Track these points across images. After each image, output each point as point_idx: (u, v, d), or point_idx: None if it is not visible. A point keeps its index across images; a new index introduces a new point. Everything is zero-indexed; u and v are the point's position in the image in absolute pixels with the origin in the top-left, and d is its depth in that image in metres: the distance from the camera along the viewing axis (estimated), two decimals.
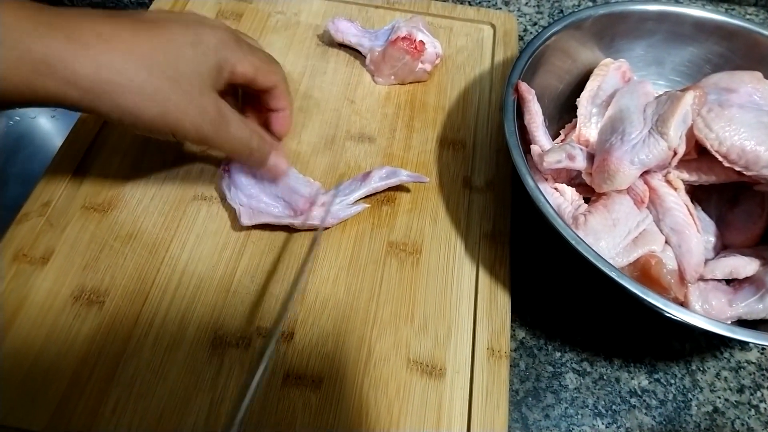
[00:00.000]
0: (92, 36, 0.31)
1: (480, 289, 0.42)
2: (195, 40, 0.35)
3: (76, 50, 0.30)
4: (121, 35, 0.32)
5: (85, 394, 0.36)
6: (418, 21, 0.52)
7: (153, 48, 0.33)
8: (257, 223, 0.42)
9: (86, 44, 0.31)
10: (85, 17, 0.32)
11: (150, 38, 0.33)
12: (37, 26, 0.30)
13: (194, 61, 0.34)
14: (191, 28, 0.35)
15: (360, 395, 0.37)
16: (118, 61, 0.31)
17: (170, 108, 0.33)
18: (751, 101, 0.43)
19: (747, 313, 0.38)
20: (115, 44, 0.32)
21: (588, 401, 0.41)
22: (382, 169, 0.45)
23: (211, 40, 0.36)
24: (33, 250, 0.42)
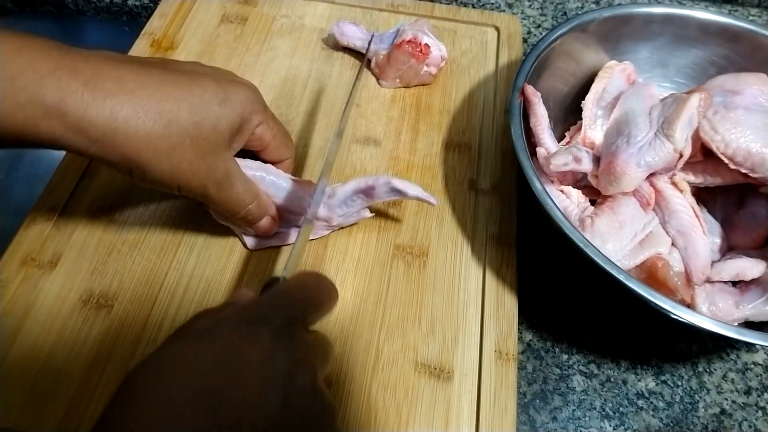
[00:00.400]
0: (114, 83, 0.30)
1: (487, 291, 0.42)
2: (224, 98, 0.34)
3: (93, 97, 0.29)
4: (147, 85, 0.31)
5: (94, 398, 0.36)
6: (422, 24, 0.52)
7: (178, 102, 0.32)
8: (264, 247, 0.42)
9: (106, 92, 0.29)
10: (111, 63, 0.31)
11: (177, 91, 0.32)
12: (57, 69, 0.28)
13: (218, 120, 0.33)
14: (222, 86, 0.34)
15: (368, 398, 0.37)
16: (137, 113, 0.30)
17: (183, 167, 0.32)
18: (756, 103, 0.43)
19: (754, 314, 0.38)
20: (138, 94, 0.30)
21: (595, 403, 0.41)
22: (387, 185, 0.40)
23: (240, 98, 0.35)
24: (41, 254, 0.42)
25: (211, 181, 0.34)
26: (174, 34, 0.55)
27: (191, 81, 0.33)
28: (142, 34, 0.55)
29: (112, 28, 0.68)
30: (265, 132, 0.38)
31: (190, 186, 0.34)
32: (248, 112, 0.36)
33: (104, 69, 0.30)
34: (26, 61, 0.28)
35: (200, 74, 0.35)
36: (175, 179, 0.33)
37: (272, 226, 0.41)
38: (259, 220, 0.39)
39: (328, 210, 0.41)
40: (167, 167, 0.32)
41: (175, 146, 0.32)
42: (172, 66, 0.34)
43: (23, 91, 0.27)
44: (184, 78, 0.33)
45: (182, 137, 0.32)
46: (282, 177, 0.41)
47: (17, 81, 0.27)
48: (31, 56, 0.28)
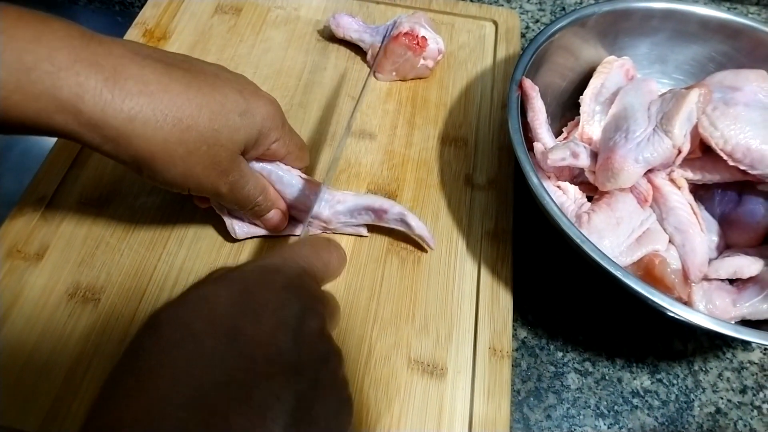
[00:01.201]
0: (135, 83, 0.29)
1: (482, 288, 0.42)
2: (245, 109, 0.33)
3: (112, 96, 0.28)
4: (169, 88, 0.30)
5: (79, 394, 0.36)
6: (420, 17, 0.51)
7: (200, 108, 0.31)
8: (253, 236, 0.42)
9: (126, 92, 0.28)
10: (134, 58, 0.30)
11: (200, 97, 0.31)
12: (77, 61, 0.27)
13: (237, 130, 0.33)
14: (245, 97, 0.34)
15: (360, 395, 0.37)
16: (156, 116, 0.29)
17: (196, 171, 0.32)
18: (756, 100, 0.43)
19: (751, 313, 0.38)
20: (159, 97, 0.29)
21: (590, 402, 0.40)
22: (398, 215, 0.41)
23: (261, 112, 0.34)
24: (27, 246, 0.41)
25: (223, 183, 0.34)
26: (167, 24, 0.55)
27: (215, 88, 0.32)
28: (134, 24, 0.54)
29: (105, 17, 0.67)
30: (280, 148, 0.37)
31: (201, 188, 0.34)
32: (267, 127, 0.35)
33: (126, 66, 0.29)
34: (45, 51, 0.26)
35: (224, 81, 0.34)
36: (186, 182, 0.33)
37: (282, 220, 0.40)
38: (267, 212, 0.39)
39: (331, 214, 0.41)
40: (180, 170, 0.32)
41: (191, 152, 0.31)
42: (196, 68, 0.33)
43: (38, 83, 0.26)
44: (208, 84, 0.32)
45: (198, 143, 0.31)
46: (290, 173, 0.40)
47: (33, 72, 0.26)
48: (50, 46, 0.27)
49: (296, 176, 0.40)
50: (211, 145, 0.32)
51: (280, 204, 0.40)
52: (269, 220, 0.40)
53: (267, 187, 0.38)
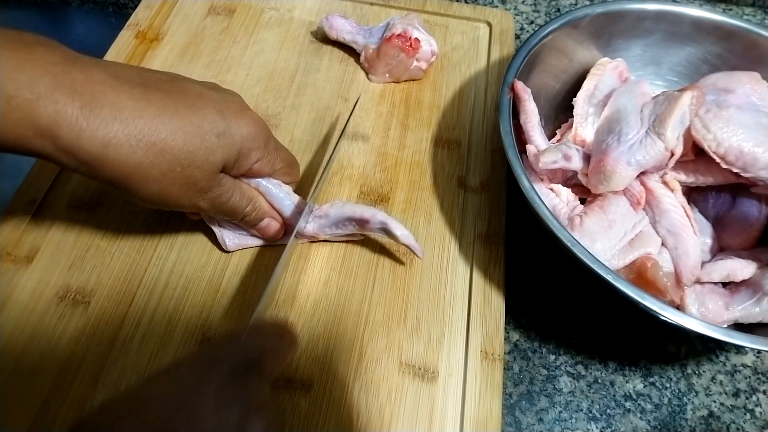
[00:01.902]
0: (110, 109, 0.29)
1: (474, 290, 0.41)
2: (224, 129, 0.33)
3: (87, 123, 0.29)
4: (144, 113, 0.30)
5: (69, 397, 0.35)
6: (413, 18, 0.51)
7: (174, 131, 0.31)
8: (243, 247, 0.41)
9: (101, 119, 0.29)
10: (113, 84, 0.30)
11: (175, 120, 0.31)
12: (56, 89, 0.28)
13: (213, 150, 0.33)
14: (225, 117, 0.34)
15: (351, 399, 0.36)
16: (129, 141, 0.30)
17: (172, 191, 0.32)
18: (749, 102, 0.43)
19: (743, 316, 0.38)
20: (133, 123, 0.30)
21: (582, 405, 0.40)
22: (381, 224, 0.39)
23: (241, 132, 0.34)
24: (17, 248, 0.41)
25: (202, 200, 0.34)
26: (159, 25, 0.54)
27: (193, 110, 0.32)
28: (126, 26, 0.54)
29: (98, 18, 0.67)
30: (264, 167, 0.37)
31: (179, 206, 0.34)
32: (247, 147, 0.35)
33: (104, 92, 0.30)
34: (26, 80, 0.27)
35: (206, 101, 0.34)
36: (163, 201, 0.33)
37: (279, 228, 0.40)
38: (260, 221, 0.39)
39: (316, 228, 0.41)
40: (155, 190, 0.32)
41: (164, 174, 0.31)
42: (178, 88, 0.33)
43: (18, 111, 0.27)
44: (186, 105, 0.32)
45: (173, 165, 0.31)
46: (278, 187, 0.39)
47: (13, 101, 0.27)
48: (32, 73, 0.27)
49: (284, 191, 0.39)
50: (185, 166, 0.32)
51: (273, 213, 0.40)
52: (264, 229, 0.39)
53: (256, 197, 0.38)
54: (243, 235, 0.41)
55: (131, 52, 0.52)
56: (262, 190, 0.39)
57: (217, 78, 0.51)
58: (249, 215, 0.38)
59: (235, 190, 0.36)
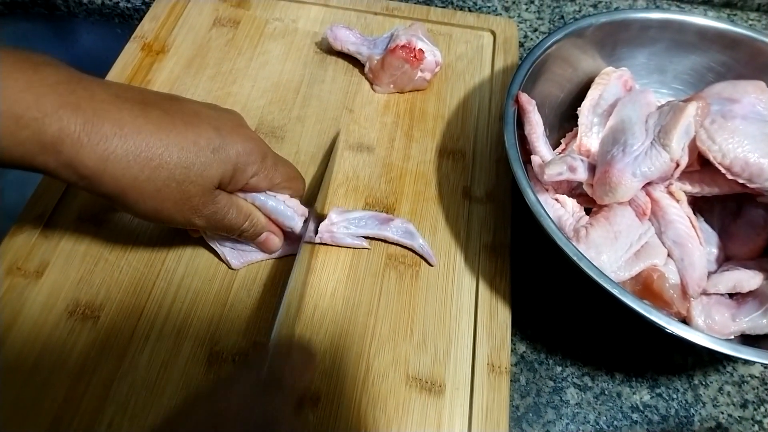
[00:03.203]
0: (111, 125, 0.31)
1: (480, 302, 0.42)
2: (219, 145, 0.34)
3: (88, 140, 0.30)
4: (143, 129, 0.32)
5: (79, 411, 0.36)
6: (417, 29, 0.51)
7: (169, 147, 0.32)
8: (249, 263, 0.42)
9: (101, 135, 0.30)
10: (116, 101, 0.31)
11: (172, 137, 0.32)
12: (60, 107, 0.29)
13: (208, 166, 0.34)
14: (221, 134, 0.34)
15: (358, 413, 0.37)
16: (127, 157, 0.31)
17: (167, 206, 0.33)
18: (754, 112, 0.42)
19: (750, 327, 0.38)
20: (132, 138, 0.31)
21: (589, 417, 0.40)
22: (404, 224, 0.43)
23: (237, 148, 0.35)
24: (27, 263, 0.41)
25: (197, 217, 0.35)
26: (165, 37, 0.55)
27: (188, 126, 0.33)
28: (132, 38, 0.54)
29: (104, 29, 0.67)
30: (261, 182, 0.37)
31: (174, 222, 0.35)
32: (243, 162, 0.35)
33: (106, 109, 0.31)
34: (33, 99, 0.28)
35: (203, 118, 0.35)
36: (159, 216, 0.34)
37: (277, 242, 0.41)
38: (259, 235, 0.39)
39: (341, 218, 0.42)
40: (150, 206, 0.33)
41: (159, 189, 0.32)
42: (177, 107, 0.34)
43: (26, 130, 0.28)
44: (183, 122, 0.33)
45: (168, 181, 0.32)
46: (275, 200, 0.39)
47: (21, 120, 0.28)
48: (39, 93, 0.29)
49: (284, 204, 0.39)
50: (180, 182, 0.33)
51: (272, 227, 0.40)
52: (264, 243, 0.40)
53: (252, 213, 0.38)
54: (246, 251, 0.41)
55: (137, 65, 0.52)
56: (259, 204, 0.39)
57: (223, 90, 0.51)
58: (247, 231, 0.38)
59: (232, 206, 0.36)
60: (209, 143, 0.34)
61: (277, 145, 0.48)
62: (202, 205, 0.34)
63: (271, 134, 0.49)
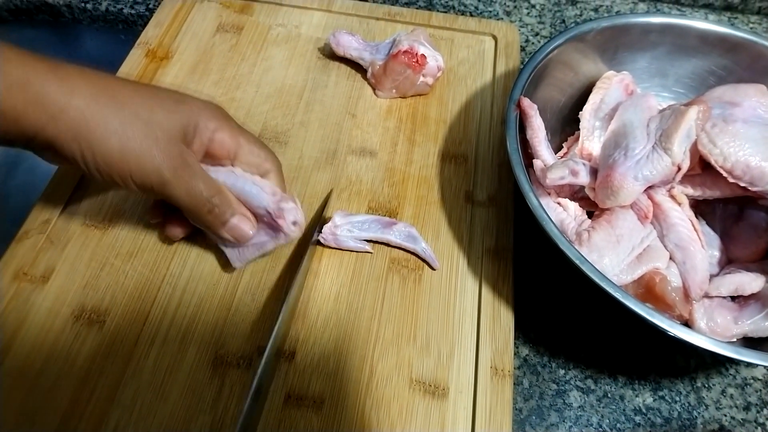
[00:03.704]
0: (76, 70, 0.33)
1: (483, 306, 0.42)
2: (180, 99, 0.36)
3: (54, 75, 0.32)
4: (107, 80, 0.34)
5: (85, 415, 0.36)
6: (419, 34, 0.52)
7: (135, 92, 0.35)
8: (250, 260, 0.41)
9: (68, 74, 0.32)
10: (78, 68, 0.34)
11: (136, 86, 0.35)
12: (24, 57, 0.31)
13: (171, 114, 0.35)
14: (182, 95, 0.37)
15: (362, 416, 0.37)
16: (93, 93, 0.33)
17: (132, 145, 0.33)
18: (755, 115, 0.43)
19: (753, 330, 0.38)
20: (97, 81, 0.33)
21: (592, 419, 0.40)
22: (407, 228, 0.44)
23: (198, 104, 0.37)
24: (33, 268, 0.42)
25: (166, 167, 0.34)
26: (169, 43, 0.55)
27: (153, 87, 0.37)
28: (137, 44, 0.55)
29: (109, 36, 0.68)
30: (226, 138, 0.38)
31: (143, 169, 0.34)
32: (205, 116, 0.37)
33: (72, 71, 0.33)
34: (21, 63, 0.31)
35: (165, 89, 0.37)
36: (125, 161, 0.33)
37: (249, 226, 0.39)
38: (230, 217, 0.38)
39: (341, 220, 0.43)
40: (116, 145, 0.33)
41: (125, 124, 0.33)
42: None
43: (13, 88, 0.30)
44: (147, 85, 0.37)
45: (133, 118, 0.33)
46: (247, 179, 0.38)
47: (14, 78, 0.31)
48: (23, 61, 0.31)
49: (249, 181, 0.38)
50: (145, 121, 0.34)
51: (241, 209, 0.39)
52: (235, 228, 0.38)
53: (222, 189, 0.37)
54: (244, 248, 0.40)
55: (142, 71, 0.53)
56: (228, 183, 0.38)
57: (227, 95, 0.52)
58: (218, 207, 0.37)
59: (202, 174, 0.36)
60: (170, 97, 0.36)
61: (281, 150, 0.49)
62: (167, 154, 0.34)
63: (274, 139, 0.49)
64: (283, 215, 0.38)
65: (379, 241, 0.44)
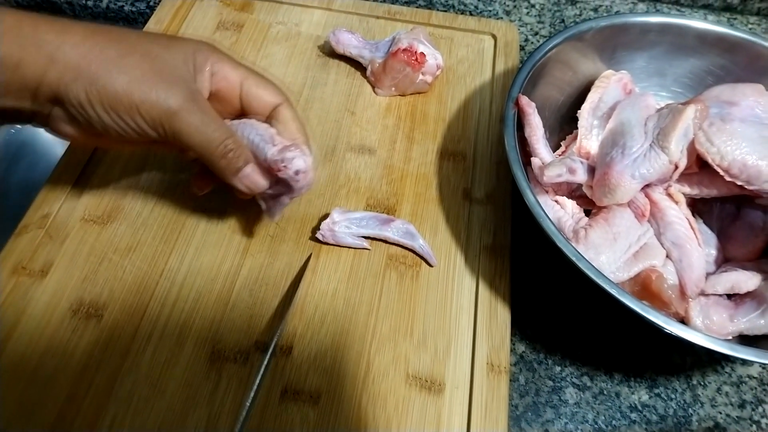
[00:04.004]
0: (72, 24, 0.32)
1: (480, 302, 0.42)
2: (174, 37, 0.36)
3: (45, 21, 0.31)
4: (98, 26, 0.33)
5: (82, 409, 0.36)
6: (419, 32, 0.52)
7: (126, 32, 0.34)
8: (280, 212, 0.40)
9: (57, 19, 0.32)
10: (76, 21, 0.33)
11: (127, 30, 0.35)
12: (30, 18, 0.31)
13: (169, 48, 0.34)
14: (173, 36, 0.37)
15: (358, 411, 0.37)
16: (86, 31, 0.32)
17: (136, 74, 0.32)
18: (752, 115, 0.43)
19: (748, 328, 0.38)
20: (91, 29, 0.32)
21: (588, 416, 0.40)
22: (404, 224, 0.44)
23: (193, 41, 0.36)
24: (32, 262, 0.42)
25: (174, 96, 0.33)
26: None
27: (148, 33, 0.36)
28: None
29: None
30: (228, 70, 0.37)
31: (150, 101, 0.32)
32: (203, 51, 0.36)
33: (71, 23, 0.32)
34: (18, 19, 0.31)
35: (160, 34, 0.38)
36: (130, 94, 0.32)
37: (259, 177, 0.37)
38: (243, 165, 0.36)
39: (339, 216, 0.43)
40: (119, 78, 0.31)
41: (123, 55, 0.32)
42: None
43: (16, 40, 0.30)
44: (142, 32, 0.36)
45: (132, 48, 0.33)
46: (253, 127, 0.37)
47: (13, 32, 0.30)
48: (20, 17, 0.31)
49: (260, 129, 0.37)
50: (144, 54, 0.33)
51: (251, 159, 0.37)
52: (248, 177, 0.37)
53: (235, 134, 0.36)
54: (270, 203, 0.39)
55: None
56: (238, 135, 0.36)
57: None
58: (233, 150, 0.35)
59: (210, 112, 0.35)
60: (163, 36, 0.36)
61: None
62: (173, 84, 0.33)
63: None
64: (283, 166, 0.35)
65: (377, 238, 0.44)
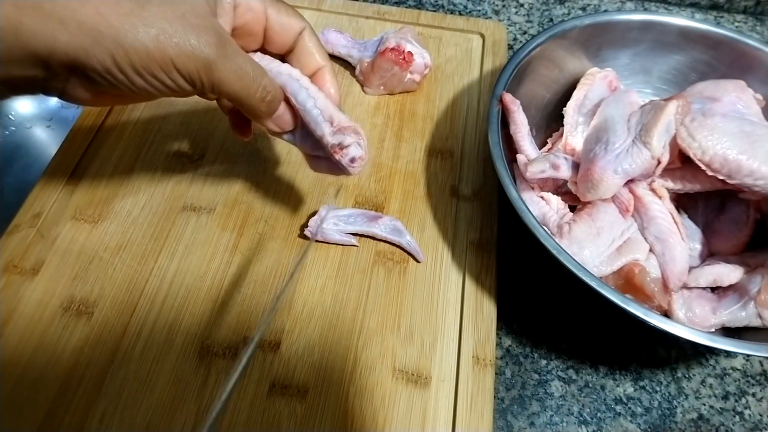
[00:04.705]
0: None
1: (466, 297, 0.42)
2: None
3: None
4: None
5: (72, 405, 0.37)
6: (407, 32, 0.52)
7: None
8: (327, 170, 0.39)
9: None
10: None
11: None
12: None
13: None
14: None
15: (345, 404, 0.37)
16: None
17: (163, 26, 0.28)
18: (734, 110, 0.43)
19: (730, 320, 0.39)
20: None
21: (573, 409, 0.41)
22: (392, 221, 0.44)
23: None
24: (23, 261, 0.42)
25: (207, 44, 0.30)
26: None
27: None
28: None
29: None
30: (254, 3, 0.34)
31: (184, 53, 0.29)
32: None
33: None
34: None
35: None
36: (162, 48, 0.29)
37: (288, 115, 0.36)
38: (279, 103, 0.35)
39: (327, 213, 0.43)
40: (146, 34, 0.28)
41: (142, 5, 0.28)
42: None
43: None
44: None
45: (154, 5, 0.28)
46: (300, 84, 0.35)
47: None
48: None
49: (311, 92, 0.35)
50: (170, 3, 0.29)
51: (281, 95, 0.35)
52: (280, 118, 0.35)
53: (266, 73, 0.34)
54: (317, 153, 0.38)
55: None
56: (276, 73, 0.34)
57: None
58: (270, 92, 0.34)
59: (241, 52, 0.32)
60: None
61: (270, 145, 0.49)
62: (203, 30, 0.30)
63: (263, 135, 0.50)
64: (339, 150, 0.35)
65: (365, 235, 0.44)
